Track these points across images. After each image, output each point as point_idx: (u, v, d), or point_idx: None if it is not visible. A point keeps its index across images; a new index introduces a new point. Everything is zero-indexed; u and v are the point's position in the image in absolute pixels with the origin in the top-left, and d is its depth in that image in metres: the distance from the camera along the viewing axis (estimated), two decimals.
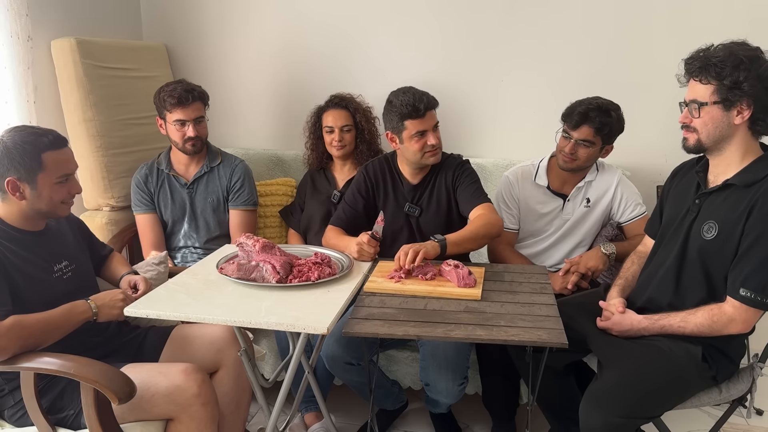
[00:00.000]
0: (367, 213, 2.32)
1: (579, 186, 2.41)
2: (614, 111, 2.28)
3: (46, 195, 1.76)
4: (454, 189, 2.27)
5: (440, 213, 2.29)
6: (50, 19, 2.61)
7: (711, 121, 1.70)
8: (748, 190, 1.69)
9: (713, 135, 1.72)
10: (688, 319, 1.74)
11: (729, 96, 1.66)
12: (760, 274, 1.65)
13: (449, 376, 2.07)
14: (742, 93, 1.64)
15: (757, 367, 1.83)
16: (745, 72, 1.62)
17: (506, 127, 2.98)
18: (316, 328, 1.56)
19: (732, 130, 1.70)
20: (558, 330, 1.60)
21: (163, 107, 2.50)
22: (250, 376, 1.89)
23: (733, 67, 1.63)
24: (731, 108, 1.67)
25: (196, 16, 3.17)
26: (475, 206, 2.18)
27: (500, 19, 2.88)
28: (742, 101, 1.65)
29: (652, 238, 2.02)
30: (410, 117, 2.15)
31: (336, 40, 3.06)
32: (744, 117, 1.67)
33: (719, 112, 1.69)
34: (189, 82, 2.55)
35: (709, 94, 1.69)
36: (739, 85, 1.64)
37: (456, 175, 2.27)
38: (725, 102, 1.67)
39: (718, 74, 1.66)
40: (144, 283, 1.98)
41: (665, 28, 2.74)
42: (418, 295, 1.83)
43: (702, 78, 1.69)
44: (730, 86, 1.65)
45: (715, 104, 1.69)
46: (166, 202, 2.64)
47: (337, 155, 2.72)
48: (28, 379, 1.63)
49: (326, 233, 2.31)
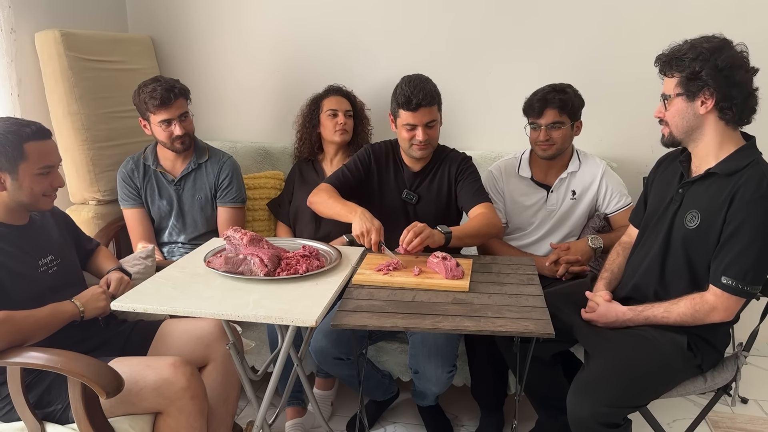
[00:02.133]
0: (359, 188, 2.29)
1: (562, 177, 2.43)
2: (568, 88, 2.33)
3: (27, 186, 1.75)
4: (455, 182, 2.28)
5: (439, 203, 2.30)
6: (34, 11, 2.58)
7: (677, 113, 1.75)
8: (730, 179, 1.70)
9: (681, 126, 1.75)
10: (671, 309, 1.76)
11: (690, 87, 1.70)
12: (741, 262, 1.67)
13: (438, 362, 2.09)
14: (701, 83, 1.68)
15: (741, 356, 1.84)
16: (702, 62, 1.66)
17: (494, 119, 2.98)
18: (305, 321, 1.56)
19: (700, 121, 1.73)
20: (545, 320, 1.61)
21: (146, 109, 2.45)
22: (238, 370, 1.89)
23: (693, 58, 1.68)
24: (694, 99, 1.71)
25: (182, 8, 3.14)
26: (477, 204, 2.20)
27: (488, 11, 2.88)
28: (703, 91, 1.69)
29: (637, 228, 2.04)
30: (403, 108, 2.16)
31: (324, 33, 3.04)
32: (708, 107, 1.70)
33: (683, 103, 1.73)
34: (167, 79, 2.47)
35: (673, 86, 1.74)
36: (697, 75, 1.68)
37: (460, 169, 2.29)
38: (688, 93, 1.71)
39: (678, 66, 1.71)
40: (116, 281, 1.95)
41: (652, 20, 2.75)
42: (406, 287, 1.83)
43: (668, 72, 1.75)
44: (688, 77, 1.69)
45: (678, 96, 1.73)
46: (153, 198, 2.61)
47: (339, 141, 2.70)
48: (14, 374, 1.62)
49: (322, 190, 2.24)
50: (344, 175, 2.31)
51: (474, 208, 2.20)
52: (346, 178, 2.30)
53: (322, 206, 2.19)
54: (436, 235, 1.97)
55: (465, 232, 2.07)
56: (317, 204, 2.21)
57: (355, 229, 2.01)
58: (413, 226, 1.95)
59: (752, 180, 1.67)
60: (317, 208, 2.22)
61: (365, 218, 2.01)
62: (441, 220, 2.15)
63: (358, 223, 2.01)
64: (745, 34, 1.81)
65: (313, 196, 2.24)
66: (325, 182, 2.29)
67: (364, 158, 2.34)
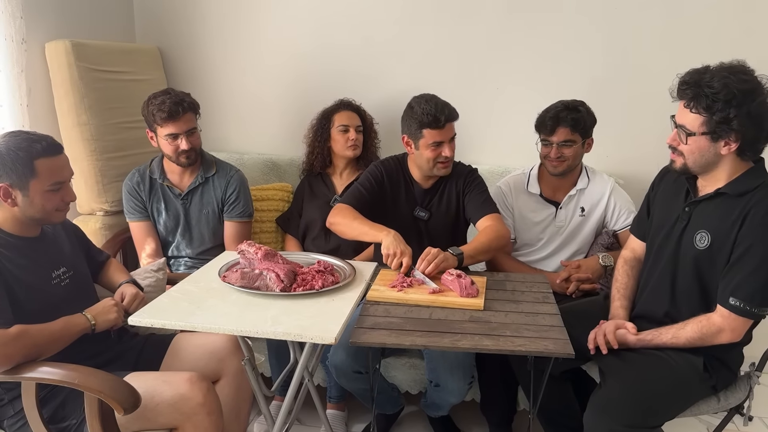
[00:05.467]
0: (373, 207, 2.27)
1: (571, 194, 2.44)
2: (581, 106, 2.34)
3: (38, 202, 1.74)
4: (463, 195, 2.29)
5: (448, 218, 2.31)
6: (44, 21, 2.57)
7: (698, 150, 1.71)
8: (740, 200, 1.70)
9: (699, 162, 1.73)
10: (679, 335, 1.76)
11: (717, 129, 1.65)
12: (750, 283, 1.67)
13: (460, 374, 2.09)
14: (730, 129, 1.64)
15: (754, 376, 1.85)
16: (736, 108, 1.60)
17: (501, 134, 3.00)
18: (324, 338, 1.56)
19: (718, 159, 1.71)
20: (563, 340, 1.62)
21: (153, 121, 2.42)
22: (253, 385, 1.88)
23: (725, 102, 1.61)
24: (719, 140, 1.67)
25: (190, 20, 3.15)
26: (485, 216, 2.20)
27: (495, 28, 2.90)
28: (729, 135, 1.65)
29: (639, 239, 2.05)
30: (430, 126, 2.16)
31: (332, 46, 3.06)
32: (731, 149, 1.67)
33: (706, 142, 1.69)
34: (177, 92, 2.45)
35: (698, 124, 1.68)
36: (728, 122, 1.63)
37: (466, 181, 2.30)
38: (713, 134, 1.67)
39: (708, 107, 1.64)
40: (130, 296, 1.94)
41: (659, 40, 2.78)
42: (422, 304, 1.83)
43: (692, 107, 1.67)
44: (719, 121, 1.64)
45: (703, 135, 1.68)
46: (159, 211, 2.59)
47: (350, 155, 2.71)
48: (29, 388, 1.61)
49: (344, 210, 2.21)
50: (361, 194, 2.29)
51: (482, 219, 2.21)
52: (363, 196, 2.28)
53: (346, 227, 2.17)
54: (449, 258, 1.98)
55: (476, 249, 2.08)
56: (339, 225, 2.19)
57: (387, 248, 2.01)
58: (427, 252, 1.97)
59: (763, 202, 1.67)
60: (339, 229, 2.20)
61: (399, 240, 2.03)
62: (450, 234, 2.15)
63: (390, 244, 2.01)
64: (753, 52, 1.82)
65: (333, 217, 2.22)
66: (342, 202, 2.27)
67: (377, 175, 2.33)
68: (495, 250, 2.17)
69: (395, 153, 2.43)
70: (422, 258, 1.96)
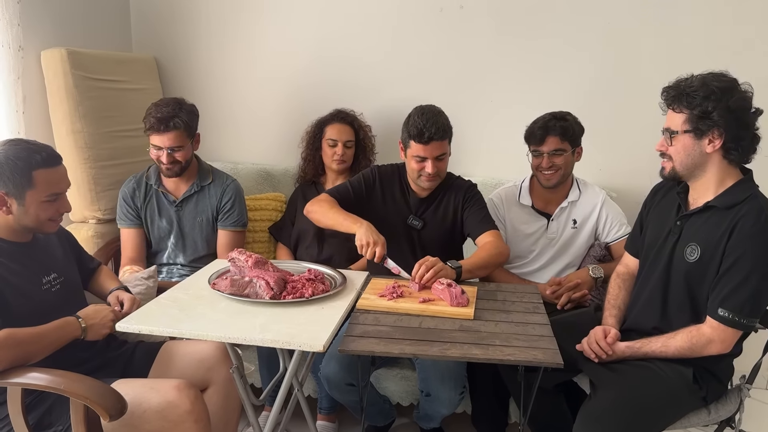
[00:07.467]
0: (357, 206, 2.26)
1: (563, 206, 2.45)
2: (568, 115, 2.36)
3: (32, 212, 1.74)
4: (462, 210, 2.29)
5: (443, 230, 2.30)
6: (41, 29, 2.58)
7: (683, 149, 1.75)
8: (729, 212, 1.72)
9: (686, 163, 1.76)
10: (668, 344, 1.77)
11: (699, 125, 1.70)
12: (739, 294, 1.68)
13: (451, 384, 2.09)
14: (711, 122, 1.68)
15: (744, 388, 1.85)
16: (714, 102, 1.66)
17: (494, 147, 3.01)
18: (312, 346, 1.55)
19: (705, 158, 1.74)
20: (553, 350, 1.61)
21: (145, 126, 2.44)
22: (241, 394, 1.87)
23: (704, 97, 1.68)
24: (702, 137, 1.71)
25: (186, 29, 3.17)
26: (485, 232, 2.20)
27: (490, 41, 2.92)
28: (712, 131, 1.69)
29: (633, 256, 2.06)
30: (414, 140, 2.16)
31: (328, 57, 3.07)
32: (715, 146, 1.70)
33: (690, 140, 1.73)
34: (176, 108, 2.43)
35: (681, 122, 1.73)
36: (708, 115, 1.68)
37: (466, 197, 2.30)
38: (696, 131, 1.71)
39: (689, 103, 1.70)
40: (129, 301, 1.94)
41: (651, 54, 2.79)
42: (412, 313, 1.83)
43: (675, 107, 1.75)
44: (699, 115, 1.69)
45: (686, 132, 1.73)
46: (153, 218, 2.60)
47: (335, 169, 2.73)
48: (15, 394, 1.60)
49: (322, 200, 2.24)
50: (346, 190, 2.31)
51: (482, 235, 2.20)
52: (347, 193, 2.30)
53: (321, 215, 2.19)
54: (447, 270, 1.98)
55: (475, 265, 2.07)
56: (315, 213, 2.21)
57: (360, 239, 2.02)
58: (425, 260, 1.96)
59: (751, 213, 1.69)
60: (315, 217, 2.22)
61: (371, 231, 2.04)
62: (444, 246, 2.15)
63: (363, 234, 2.02)
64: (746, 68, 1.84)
65: (311, 205, 2.24)
66: (325, 193, 2.30)
67: (369, 178, 2.34)
68: (494, 266, 2.16)
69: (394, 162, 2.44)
70: (420, 263, 1.95)
